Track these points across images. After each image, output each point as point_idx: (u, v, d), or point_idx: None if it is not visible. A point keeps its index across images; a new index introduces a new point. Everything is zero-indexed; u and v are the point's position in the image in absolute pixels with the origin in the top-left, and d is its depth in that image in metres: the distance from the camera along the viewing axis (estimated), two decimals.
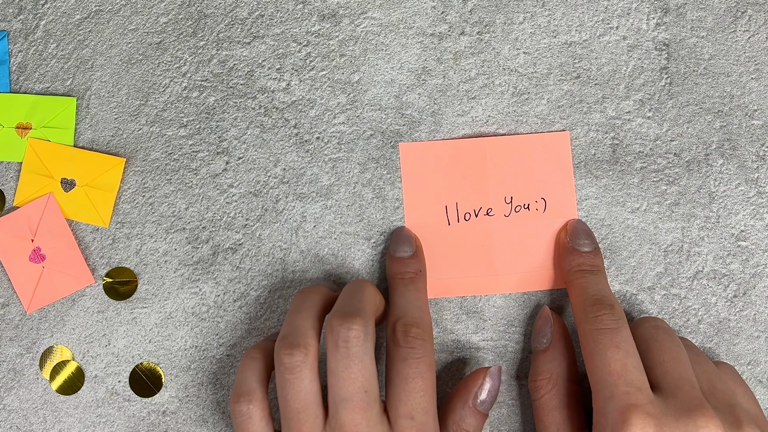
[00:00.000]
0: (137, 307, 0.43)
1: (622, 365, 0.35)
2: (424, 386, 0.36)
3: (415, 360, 0.36)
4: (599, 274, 0.40)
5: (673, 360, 0.36)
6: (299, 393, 0.36)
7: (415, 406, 0.36)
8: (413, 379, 0.36)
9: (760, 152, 0.43)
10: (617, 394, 0.35)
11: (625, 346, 0.36)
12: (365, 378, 0.35)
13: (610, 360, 0.36)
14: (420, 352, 0.36)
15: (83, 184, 0.43)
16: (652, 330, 0.38)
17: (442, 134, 0.43)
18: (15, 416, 0.43)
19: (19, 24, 0.44)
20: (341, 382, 0.35)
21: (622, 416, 0.34)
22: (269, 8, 0.44)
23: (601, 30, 0.44)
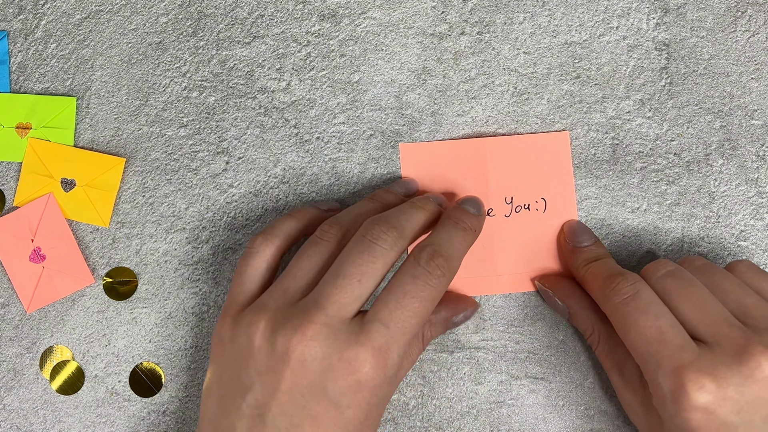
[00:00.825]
0: (137, 307, 0.43)
1: (657, 329, 0.34)
2: (417, 310, 0.35)
3: (425, 284, 0.35)
4: (606, 260, 0.40)
5: (696, 307, 0.35)
6: (314, 255, 0.37)
7: (396, 320, 0.34)
8: (412, 297, 0.35)
9: (760, 152, 0.43)
10: (663, 361, 0.34)
11: (652, 309, 0.35)
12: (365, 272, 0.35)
13: (643, 329, 0.35)
14: (434, 281, 0.35)
15: (83, 184, 0.43)
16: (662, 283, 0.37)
17: (442, 134, 0.43)
18: (15, 416, 0.43)
19: (19, 24, 0.44)
20: (344, 260, 0.35)
21: (676, 381, 0.33)
22: (269, 8, 0.44)
23: (601, 30, 0.44)
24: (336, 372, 0.33)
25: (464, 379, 0.43)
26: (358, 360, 0.33)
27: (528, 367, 0.43)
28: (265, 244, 0.39)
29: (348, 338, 0.34)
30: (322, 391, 0.34)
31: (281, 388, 0.34)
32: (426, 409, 0.42)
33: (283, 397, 0.34)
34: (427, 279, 0.35)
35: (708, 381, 0.33)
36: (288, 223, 0.40)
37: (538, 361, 0.43)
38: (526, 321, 0.43)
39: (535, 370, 0.43)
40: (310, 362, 0.34)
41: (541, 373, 0.42)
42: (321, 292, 0.35)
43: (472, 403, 0.42)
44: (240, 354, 0.35)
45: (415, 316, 0.35)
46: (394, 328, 0.34)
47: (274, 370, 0.34)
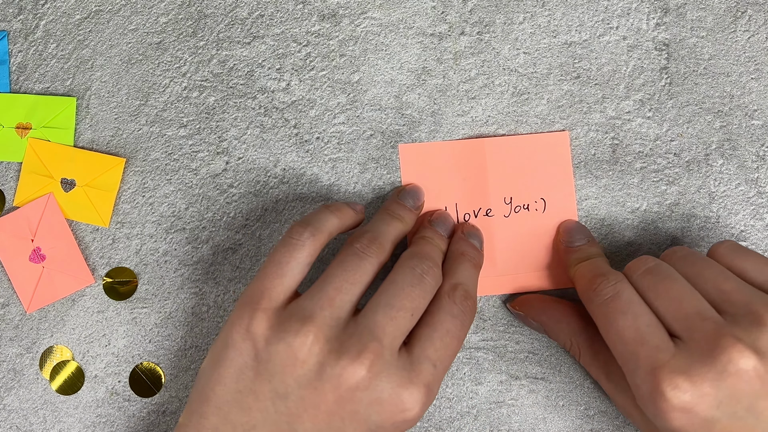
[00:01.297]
0: (137, 307, 0.43)
1: (635, 330, 0.35)
2: (456, 349, 0.36)
3: (462, 323, 0.36)
4: (595, 260, 0.40)
5: (672, 302, 0.35)
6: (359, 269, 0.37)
7: (442, 358, 0.35)
8: (453, 337, 0.36)
9: (760, 152, 0.43)
10: (641, 362, 0.34)
11: (631, 309, 0.35)
12: (417, 307, 0.36)
13: (622, 330, 0.35)
14: (467, 321, 0.37)
15: (83, 184, 0.43)
16: (641, 281, 0.37)
17: (442, 134, 0.43)
18: (15, 416, 0.43)
19: (19, 24, 0.44)
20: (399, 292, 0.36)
21: (652, 382, 0.33)
22: (269, 8, 0.44)
23: (601, 30, 0.44)
24: (385, 406, 0.34)
25: (464, 379, 0.43)
26: (412, 400, 0.34)
27: (528, 367, 0.43)
28: (312, 239, 0.37)
29: (401, 374, 0.34)
30: (364, 420, 0.34)
31: (321, 408, 0.34)
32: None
33: (321, 416, 0.34)
34: (464, 319, 0.37)
35: (683, 380, 0.33)
36: (331, 220, 0.39)
37: (538, 361, 0.43)
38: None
39: (535, 370, 0.43)
40: (361, 392, 0.34)
41: (541, 373, 0.42)
42: (376, 321, 0.35)
43: (472, 403, 0.42)
44: (275, 359, 0.35)
45: (454, 355, 0.36)
46: (440, 367, 0.35)
47: (317, 389, 0.34)
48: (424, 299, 0.36)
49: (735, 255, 0.37)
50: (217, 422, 0.35)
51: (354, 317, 0.36)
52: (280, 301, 0.36)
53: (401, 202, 0.41)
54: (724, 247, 0.38)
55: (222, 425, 0.35)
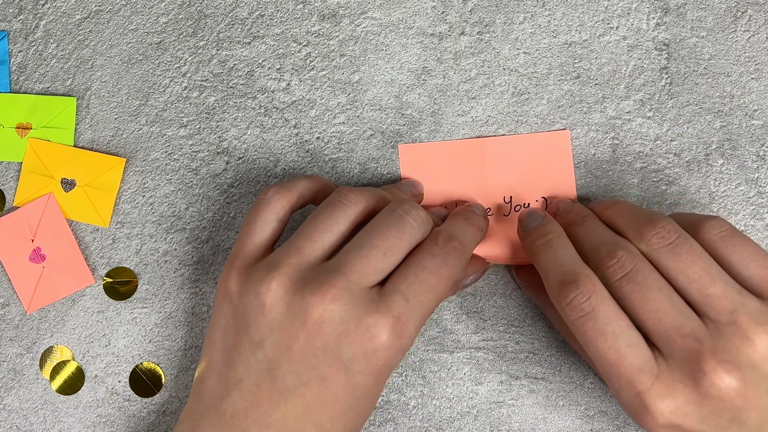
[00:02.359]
0: (137, 307, 0.43)
1: (615, 351, 0.34)
2: (435, 286, 0.35)
3: (443, 263, 0.35)
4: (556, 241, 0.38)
5: (649, 314, 0.34)
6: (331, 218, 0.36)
7: (415, 293, 0.35)
8: (430, 273, 0.35)
9: (760, 152, 0.43)
10: (623, 385, 0.34)
11: (609, 329, 0.34)
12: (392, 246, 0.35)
13: (602, 352, 0.34)
14: (450, 260, 0.36)
15: (83, 184, 0.43)
16: (618, 288, 0.35)
17: (442, 134, 0.43)
18: (15, 416, 0.43)
19: (19, 24, 0.44)
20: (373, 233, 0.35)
21: (638, 405, 0.34)
22: (269, 8, 0.44)
23: (601, 30, 0.44)
24: (352, 337, 0.34)
25: (464, 379, 0.43)
26: (378, 327, 0.34)
27: (528, 367, 0.43)
28: (278, 196, 0.38)
29: (368, 306, 0.34)
30: (335, 354, 0.34)
31: (294, 347, 0.34)
32: (426, 409, 0.42)
33: (295, 356, 0.34)
34: (444, 258, 0.36)
35: (667, 402, 0.33)
36: (303, 182, 0.39)
37: (538, 361, 0.43)
38: (526, 321, 0.43)
39: (535, 370, 0.43)
40: (327, 325, 0.34)
41: (541, 373, 0.43)
42: (344, 260, 0.35)
43: (472, 403, 0.42)
44: (248, 309, 0.35)
45: (432, 291, 0.35)
46: (413, 300, 0.34)
47: (287, 329, 0.34)
48: (400, 239, 0.35)
49: (723, 244, 0.35)
50: (212, 384, 0.36)
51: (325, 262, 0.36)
52: (252, 258, 0.37)
53: (396, 185, 0.42)
54: (714, 232, 0.36)
55: (216, 386, 0.36)
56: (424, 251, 0.36)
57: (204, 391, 0.36)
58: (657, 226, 0.36)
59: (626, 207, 0.39)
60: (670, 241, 0.35)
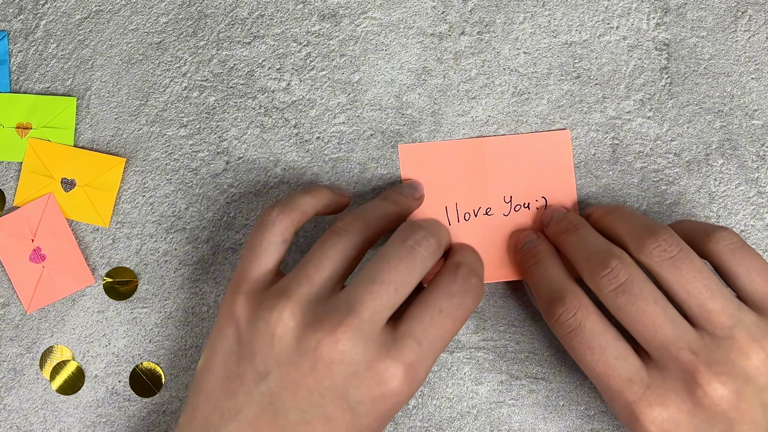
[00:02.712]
0: (137, 307, 0.43)
1: (604, 364, 0.34)
2: (450, 330, 0.34)
3: (461, 303, 0.34)
4: (545, 261, 0.38)
5: (645, 326, 0.34)
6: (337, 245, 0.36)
7: (429, 338, 0.34)
8: (447, 316, 0.34)
9: (760, 152, 0.43)
10: (614, 396, 0.35)
11: (596, 342, 0.35)
12: (404, 281, 0.34)
13: (591, 364, 0.35)
14: (468, 301, 0.35)
15: (83, 184, 0.43)
16: (609, 299, 0.35)
17: (442, 134, 0.43)
18: (15, 416, 0.43)
19: (19, 24, 0.44)
20: (384, 265, 0.34)
21: (630, 416, 0.34)
22: (269, 8, 0.44)
23: (601, 30, 0.44)
24: (362, 381, 0.33)
25: (464, 379, 0.43)
26: (388, 374, 0.33)
27: (528, 367, 0.43)
28: (281, 217, 0.37)
29: (380, 349, 0.33)
30: (342, 395, 0.33)
31: (301, 384, 0.33)
32: (426, 409, 0.42)
33: (301, 392, 0.33)
34: (463, 298, 0.35)
35: (659, 411, 0.33)
36: (304, 199, 0.38)
37: (538, 361, 0.43)
38: (526, 321, 0.43)
39: (535, 370, 0.43)
40: (337, 365, 0.33)
41: (541, 373, 0.42)
42: (355, 296, 0.34)
43: (472, 403, 0.42)
44: (256, 338, 0.34)
45: (447, 335, 0.34)
46: (427, 346, 0.34)
47: (295, 365, 0.33)
48: (412, 273, 0.34)
49: (732, 256, 0.36)
50: (206, 412, 0.35)
51: (336, 293, 0.35)
52: (260, 283, 0.36)
53: (397, 189, 0.41)
54: (722, 246, 0.36)
55: (211, 414, 0.35)
56: (441, 289, 0.35)
57: (197, 417, 0.35)
58: (659, 239, 0.35)
59: (627, 215, 0.38)
60: (672, 255, 0.35)
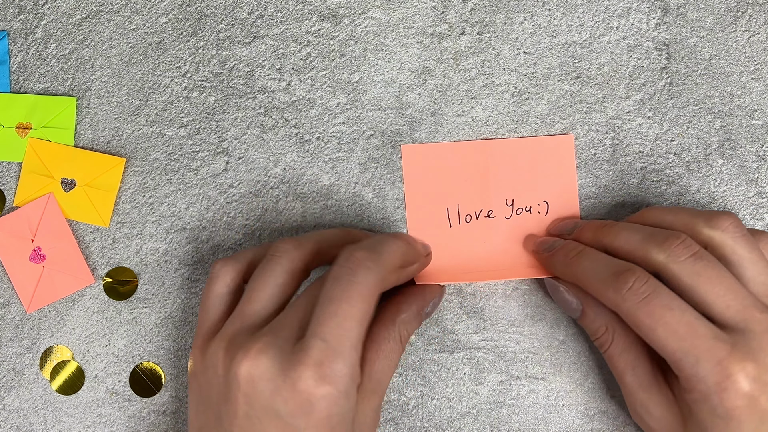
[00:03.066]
0: (137, 307, 0.43)
1: (687, 324, 0.34)
2: (350, 312, 0.33)
3: (349, 282, 0.33)
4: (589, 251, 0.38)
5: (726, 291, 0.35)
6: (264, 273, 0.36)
7: (330, 330, 0.32)
8: (339, 301, 0.33)
9: (760, 152, 0.43)
10: (702, 355, 0.33)
11: (675, 304, 0.34)
12: (276, 283, 0.36)
13: (673, 326, 0.34)
14: (358, 277, 0.34)
15: (83, 184, 0.43)
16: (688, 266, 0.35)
17: (442, 134, 0.43)
18: (15, 416, 0.43)
19: (19, 24, 0.44)
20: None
21: (721, 373, 0.33)
22: (269, 8, 0.44)
23: (601, 30, 0.44)
24: (284, 393, 0.32)
25: (464, 379, 0.43)
26: (302, 379, 0.32)
27: (528, 367, 0.43)
28: (225, 269, 0.38)
29: (291, 358, 0.32)
30: (275, 414, 0.33)
31: (239, 414, 0.33)
32: (426, 409, 0.42)
33: (242, 423, 0.33)
34: (349, 277, 0.34)
35: (751, 368, 0.33)
36: (251, 251, 0.39)
37: (538, 361, 0.43)
38: (526, 321, 0.43)
39: (535, 370, 0.43)
40: (257, 383, 0.33)
41: (541, 373, 0.43)
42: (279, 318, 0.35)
43: (472, 403, 0.42)
44: (209, 386, 0.35)
45: (349, 319, 0.33)
46: (331, 339, 0.32)
47: (230, 398, 0.33)
48: (278, 278, 0.36)
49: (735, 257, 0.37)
50: None
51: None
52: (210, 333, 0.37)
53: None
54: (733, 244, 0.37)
55: None
56: (328, 278, 0.34)
57: None
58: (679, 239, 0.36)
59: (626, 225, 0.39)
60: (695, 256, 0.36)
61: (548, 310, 0.43)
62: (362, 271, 0.34)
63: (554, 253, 0.40)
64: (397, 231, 0.42)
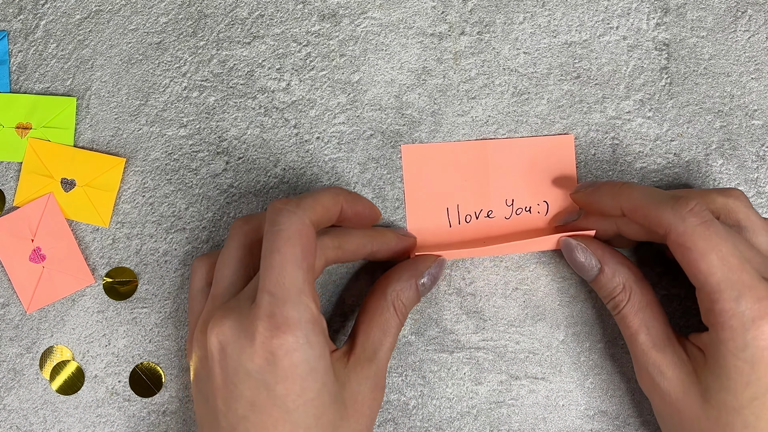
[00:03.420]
0: (137, 307, 0.43)
1: (740, 257, 0.34)
2: (284, 260, 0.33)
3: (273, 233, 0.34)
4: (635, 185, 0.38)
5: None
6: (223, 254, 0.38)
7: (273, 281, 0.33)
8: (272, 251, 0.34)
9: (760, 152, 0.43)
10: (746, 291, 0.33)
11: (731, 237, 0.34)
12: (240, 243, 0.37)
13: (726, 255, 0.34)
14: (282, 223, 0.34)
15: (83, 184, 0.43)
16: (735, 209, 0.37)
17: (442, 134, 0.43)
18: (15, 416, 0.43)
19: (19, 24, 0.44)
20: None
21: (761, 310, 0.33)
22: (269, 8, 0.44)
23: (601, 30, 0.44)
24: (248, 351, 0.33)
25: (464, 379, 0.43)
26: (259, 333, 0.33)
27: (528, 367, 0.43)
28: (199, 263, 0.40)
29: (248, 315, 0.33)
30: (246, 373, 0.33)
31: (218, 384, 0.34)
32: (426, 409, 0.42)
33: (223, 393, 0.34)
34: (273, 227, 0.34)
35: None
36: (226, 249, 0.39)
37: (538, 361, 0.43)
38: (526, 321, 0.43)
39: (535, 370, 0.43)
40: (226, 348, 0.33)
41: (541, 373, 0.43)
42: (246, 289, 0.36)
43: (472, 403, 0.42)
44: (198, 373, 0.36)
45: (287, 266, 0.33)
46: (276, 289, 0.33)
47: (211, 373, 0.35)
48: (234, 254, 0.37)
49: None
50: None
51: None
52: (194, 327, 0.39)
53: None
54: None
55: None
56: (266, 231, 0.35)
57: None
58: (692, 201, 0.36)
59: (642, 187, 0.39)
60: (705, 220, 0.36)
61: (548, 310, 0.43)
62: (283, 217, 0.34)
63: (599, 186, 0.40)
64: (389, 226, 0.42)
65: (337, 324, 0.43)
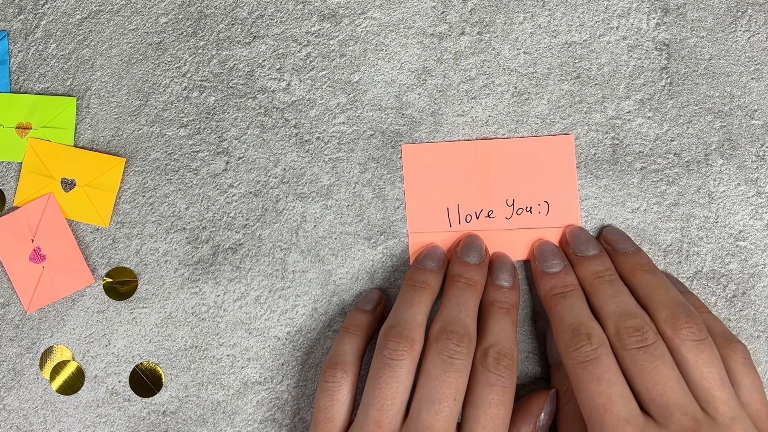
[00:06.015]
0: (137, 307, 0.43)
1: (607, 397, 0.35)
2: (504, 415, 0.36)
3: (502, 388, 0.36)
4: (574, 295, 0.39)
5: (656, 385, 0.35)
6: (393, 380, 0.37)
7: (494, 429, 0.36)
8: (497, 405, 0.36)
9: (760, 152, 0.43)
10: (606, 430, 0.35)
11: (607, 376, 0.35)
12: (457, 388, 0.36)
13: (593, 394, 0.35)
14: (508, 382, 0.37)
15: (83, 184, 0.43)
16: (631, 354, 0.36)
17: (442, 134, 0.43)
18: (15, 416, 0.43)
19: (19, 24, 0.44)
20: (434, 384, 0.36)
21: None
22: (269, 8, 0.44)
23: (601, 30, 0.44)
24: None
25: None
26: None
27: (528, 367, 0.43)
28: (345, 377, 0.39)
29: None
30: None
31: None
32: None
33: None
34: (502, 383, 0.36)
35: None
36: (353, 343, 0.40)
37: (538, 361, 0.43)
38: (526, 321, 0.43)
39: (535, 370, 0.43)
40: None
41: (541, 373, 0.43)
42: (424, 423, 0.36)
43: None
44: None
45: (504, 422, 0.36)
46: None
47: None
48: (460, 379, 0.36)
49: (743, 369, 0.37)
50: None
51: (405, 423, 0.36)
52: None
53: (422, 267, 0.41)
54: (736, 358, 0.38)
55: None
56: (483, 383, 0.37)
57: None
58: (692, 323, 0.37)
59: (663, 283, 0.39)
60: (699, 339, 0.37)
61: None
62: (509, 377, 0.37)
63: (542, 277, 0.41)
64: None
65: (337, 324, 0.43)
